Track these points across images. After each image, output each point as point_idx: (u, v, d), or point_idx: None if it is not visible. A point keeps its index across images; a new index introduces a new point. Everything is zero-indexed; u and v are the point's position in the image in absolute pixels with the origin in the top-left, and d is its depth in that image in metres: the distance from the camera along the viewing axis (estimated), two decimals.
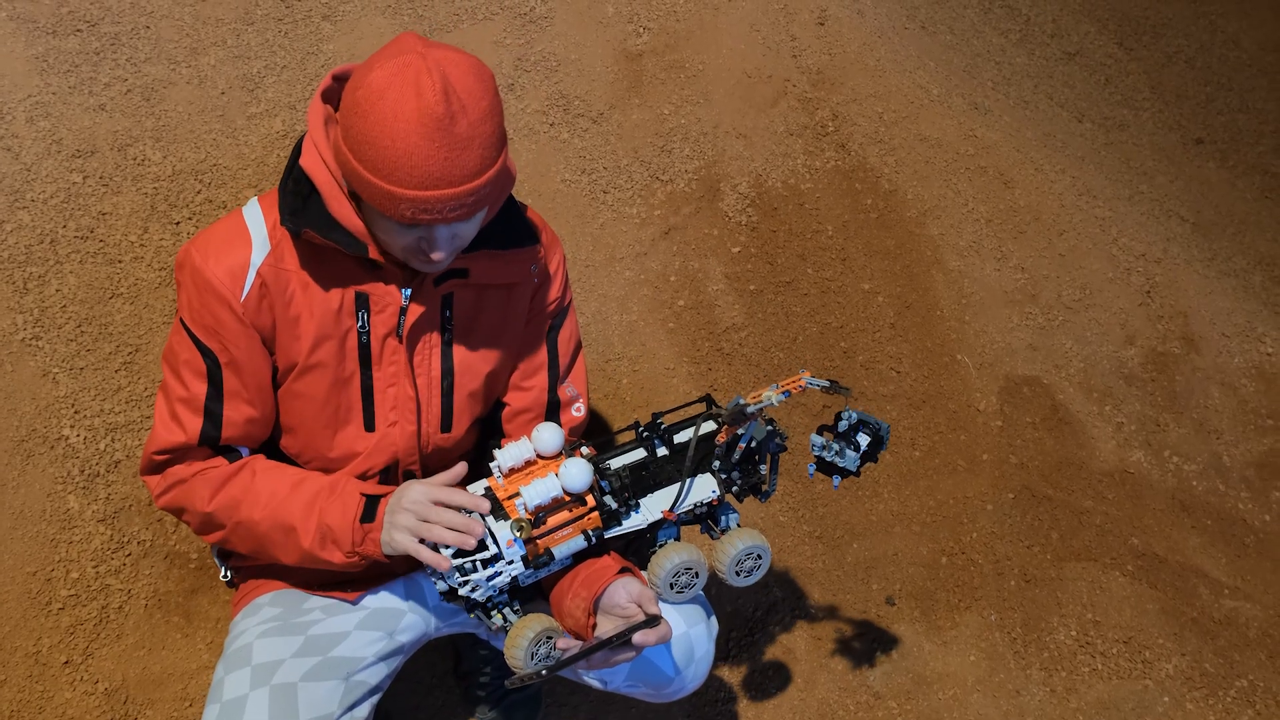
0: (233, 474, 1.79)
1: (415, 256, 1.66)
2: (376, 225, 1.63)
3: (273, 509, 1.76)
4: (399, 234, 1.61)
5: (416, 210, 1.54)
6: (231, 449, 1.83)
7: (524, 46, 3.08)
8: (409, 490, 1.67)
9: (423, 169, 1.50)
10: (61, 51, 2.48)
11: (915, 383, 3.24)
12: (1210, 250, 4.03)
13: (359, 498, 1.72)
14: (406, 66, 1.49)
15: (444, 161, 1.51)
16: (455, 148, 1.51)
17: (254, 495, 1.77)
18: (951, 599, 3.00)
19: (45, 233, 2.34)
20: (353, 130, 1.53)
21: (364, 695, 1.86)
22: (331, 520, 1.71)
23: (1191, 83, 4.78)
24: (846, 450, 1.89)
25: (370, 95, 1.50)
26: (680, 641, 1.88)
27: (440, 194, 1.53)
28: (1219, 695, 2.95)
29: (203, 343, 1.74)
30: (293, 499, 1.76)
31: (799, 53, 3.48)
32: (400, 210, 1.54)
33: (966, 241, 3.48)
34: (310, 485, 1.77)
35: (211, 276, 1.69)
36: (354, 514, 1.70)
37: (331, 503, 1.73)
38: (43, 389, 2.28)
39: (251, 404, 1.79)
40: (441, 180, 1.52)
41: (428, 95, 1.48)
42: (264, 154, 2.59)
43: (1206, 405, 3.53)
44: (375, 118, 1.50)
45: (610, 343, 2.97)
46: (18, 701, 2.17)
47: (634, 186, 3.12)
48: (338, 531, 1.71)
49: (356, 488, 1.75)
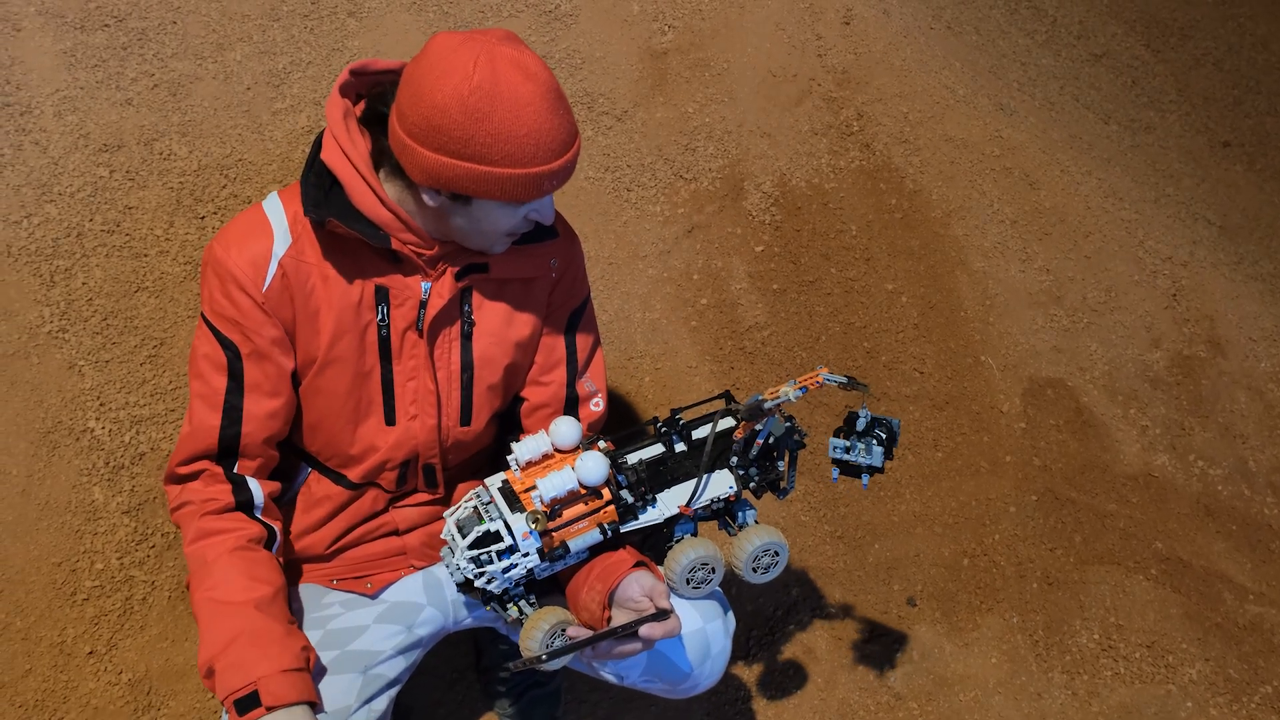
0: (215, 532, 1.76)
1: (509, 238, 1.76)
2: (487, 220, 1.68)
3: (206, 603, 1.71)
4: (509, 219, 1.69)
5: (556, 180, 1.63)
6: (242, 482, 1.80)
7: (549, 44, 3.08)
8: None
9: (558, 139, 1.60)
10: (89, 46, 2.50)
11: (938, 384, 3.23)
12: (1237, 254, 4.00)
13: (252, 681, 1.63)
14: (494, 58, 1.55)
15: (567, 125, 1.61)
16: (567, 108, 1.62)
17: (208, 571, 1.73)
18: (973, 600, 2.99)
19: (72, 226, 2.36)
20: (474, 139, 1.55)
21: (382, 688, 1.86)
22: (221, 667, 1.65)
23: (1219, 85, 4.73)
24: (873, 446, 1.88)
25: (485, 98, 1.53)
26: (696, 637, 1.87)
27: (570, 155, 1.64)
28: (1243, 701, 2.93)
29: (223, 335, 1.74)
30: (223, 613, 1.70)
31: (824, 52, 3.47)
32: (544, 187, 1.62)
33: (991, 242, 3.47)
34: (241, 616, 1.69)
35: (234, 266, 1.70)
36: (234, 689, 1.63)
37: (241, 653, 1.66)
38: (69, 381, 2.30)
39: (272, 396, 1.79)
40: (567, 143, 1.62)
41: (537, 72, 1.56)
42: (289, 149, 2.61)
43: (1232, 409, 3.50)
44: (502, 113, 1.54)
45: (632, 340, 2.97)
46: (43, 691, 2.19)
47: (658, 184, 3.12)
48: (217, 681, 1.66)
49: (264, 663, 1.66)
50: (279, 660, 1.66)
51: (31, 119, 2.40)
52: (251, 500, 1.81)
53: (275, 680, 1.64)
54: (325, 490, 1.92)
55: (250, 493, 1.81)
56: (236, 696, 1.62)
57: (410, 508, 1.97)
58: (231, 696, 1.62)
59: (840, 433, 1.90)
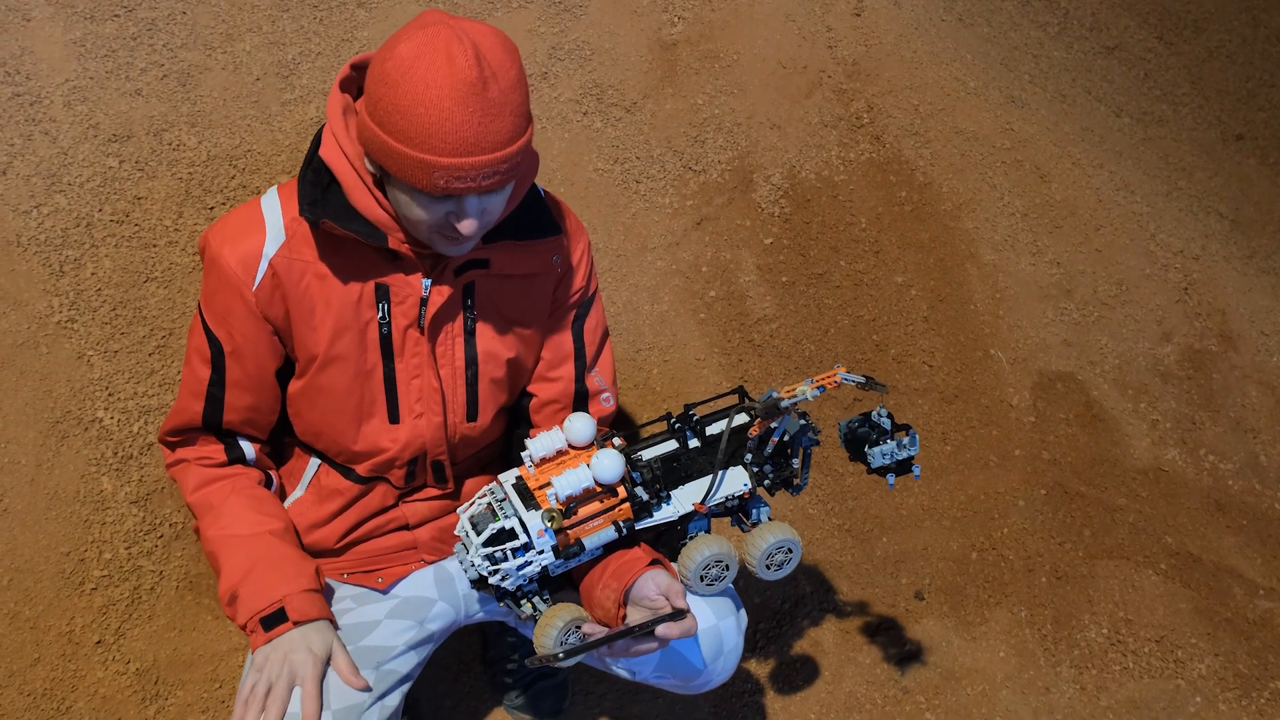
0: (218, 478, 1.85)
1: (443, 234, 1.65)
2: (403, 203, 1.62)
3: (222, 539, 1.80)
4: (428, 209, 1.59)
5: (450, 178, 1.52)
6: (233, 436, 1.87)
7: (558, 35, 3.07)
8: (307, 653, 1.71)
9: (457, 135, 1.49)
10: (99, 36, 2.49)
11: (948, 377, 3.22)
12: (1249, 248, 3.98)
13: (277, 599, 1.73)
14: (436, 36, 1.49)
15: (478, 127, 1.50)
16: (489, 113, 1.50)
17: (218, 513, 1.82)
18: (981, 595, 2.98)
19: (81, 216, 2.36)
20: (382, 102, 1.52)
21: (395, 684, 1.86)
22: (245, 592, 1.74)
23: (1232, 78, 4.71)
24: (903, 439, 1.88)
25: (400, 65, 1.49)
26: (710, 634, 1.87)
27: (474, 160, 1.52)
28: (1252, 697, 2.92)
29: (211, 330, 1.77)
30: (239, 544, 1.79)
31: (834, 44, 3.45)
32: (434, 180, 1.52)
33: (1001, 235, 3.45)
34: (259, 544, 1.80)
35: (225, 265, 1.71)
36: (260, 608, 1.73)
37: (263, 576, 1.76)
38: (78, 371, 2.30)
39: (251, 392, 1.83)
40: (475, 146, 1.51)
41: (459, 61, 1.47)
42: (298, 140, 2.60)
43: (1244, 404, 3.49)
44: (407, 87, 1.48)
45: (641, 333, 2.96)
46: (51, 680, 2.19)
47: (667, 176, 3.11)
48: (240, 606, 1.74)
49: (287, 583, 1.76)
50: (299, 581, 1.76)
51: (41, 109, 2.39)
52: (244, 456, 1.89)
53: (299, 598, 1.74)
54: (335, 484, 1.92)
55: (241, 450, 1.89)
56: (264, 614, 1.71)
57: (420, 502, 1.97)
58: (258, 615, 1.71)
59: (876, 437, 1.89)
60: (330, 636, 1.75)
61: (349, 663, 1.75)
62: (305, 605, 1.74)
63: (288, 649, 1.70)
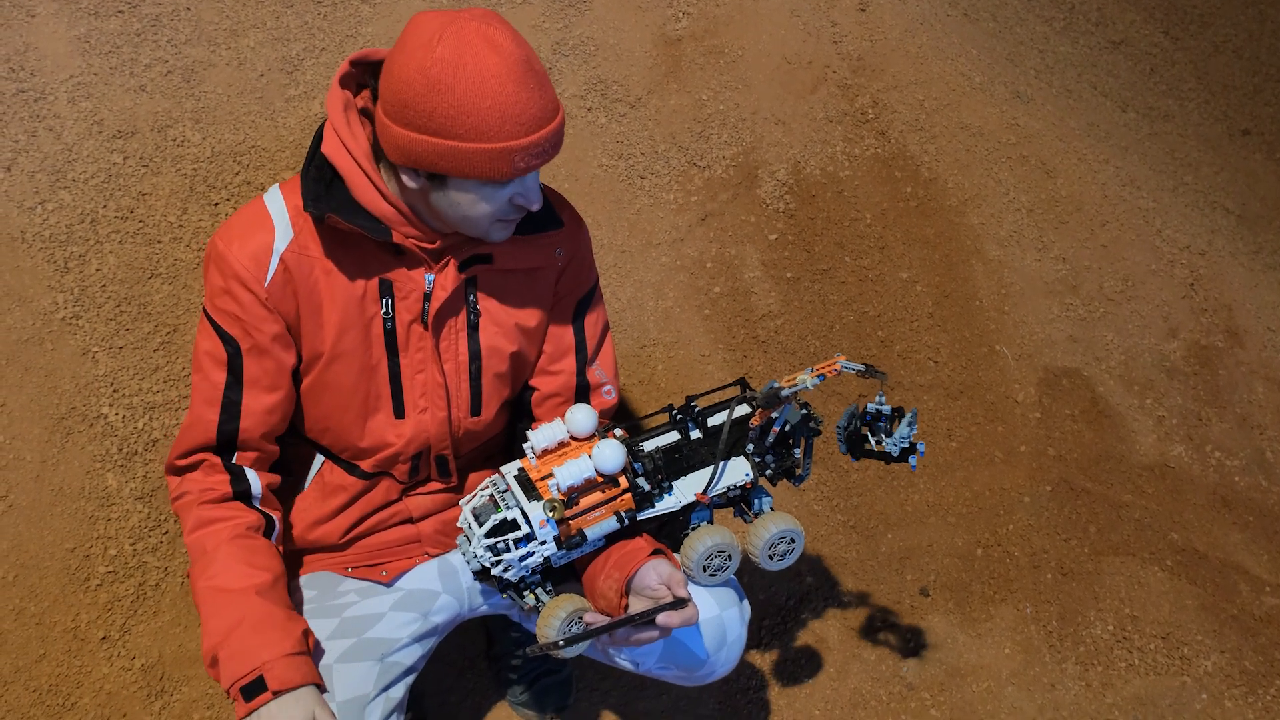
0: (214, 520, 1.77)
1: (502, 223, 1.70)
2: (465, 203, 1.64)
3: (208, 591, 1.72)
4: (493, 199, 1.64)
5: (529, 157, 1.58)
6: (241, 473, 1.81)
7: (562, 30, 3.07)
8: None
9: (528, 114, 1.55)
10: (103, 33, 2.50)
11: (953, 373, 3.22)
12: (1256, 243, 3.97)
13: (256, 667, 1.64)
14: (464, 31, 1.52)
15: (540, 100, 1.56)
16: (542, 84, 1.57)
17: (208, 560, 1.74)
18: (986, 591, 2.97)
19: (86, 212, 2.36)
20: (436, 112, 1.53)
21: (398, 676, 1.86)
22: (224, 655, 1.66)
23: (1239, 73, 4.70)
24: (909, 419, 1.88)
25: (447, 68, 1.51)
26: (713, 625, 1.87)
27: (544, 133, 1.58)
28: (1258, 694, 2.91)
29: (224, 330, 1.74)
30: (224, 601, 1.71)
31: (839, 39, 3.45)
32: (515, 164, 1.57)
33: (1007, 231, 3.45)
34: (243, 603, 1.70)
35: (235, 261, 1.70)
36: (239, 675, 1.64)
37: (244, 640, 1.67)
38: (82, 367, 2.30)
39: (271, 391, 1.79)
40: (541, 119, 1.57)
41: (504, 45, 1.52)
42: (302, 136, 2.60)
43: (1250, 400, 3.48)
44: (464, 86, 1.51)
45: (645, 328, 2.96)
46: (56, 676, 2.20)
47: (671, 172, 3.11)
48: (222, 670, 1.66)
49: (268, 648, 1.67)
50: (281, 645, 1.67)
51: (45, 105, 2.40)
52: (249, 490, 1.82)
53: (279, 665, 1.65)
54: (339, 480, 1.92)
55: (248, 483, 1.81)
56: (243, 683, 1.63)
57: (424, 496, 1.97)
58: (237, 684, 1.63)
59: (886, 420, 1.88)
60: (311, 704, 1.66)
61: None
62: (286, 672, 1.65)
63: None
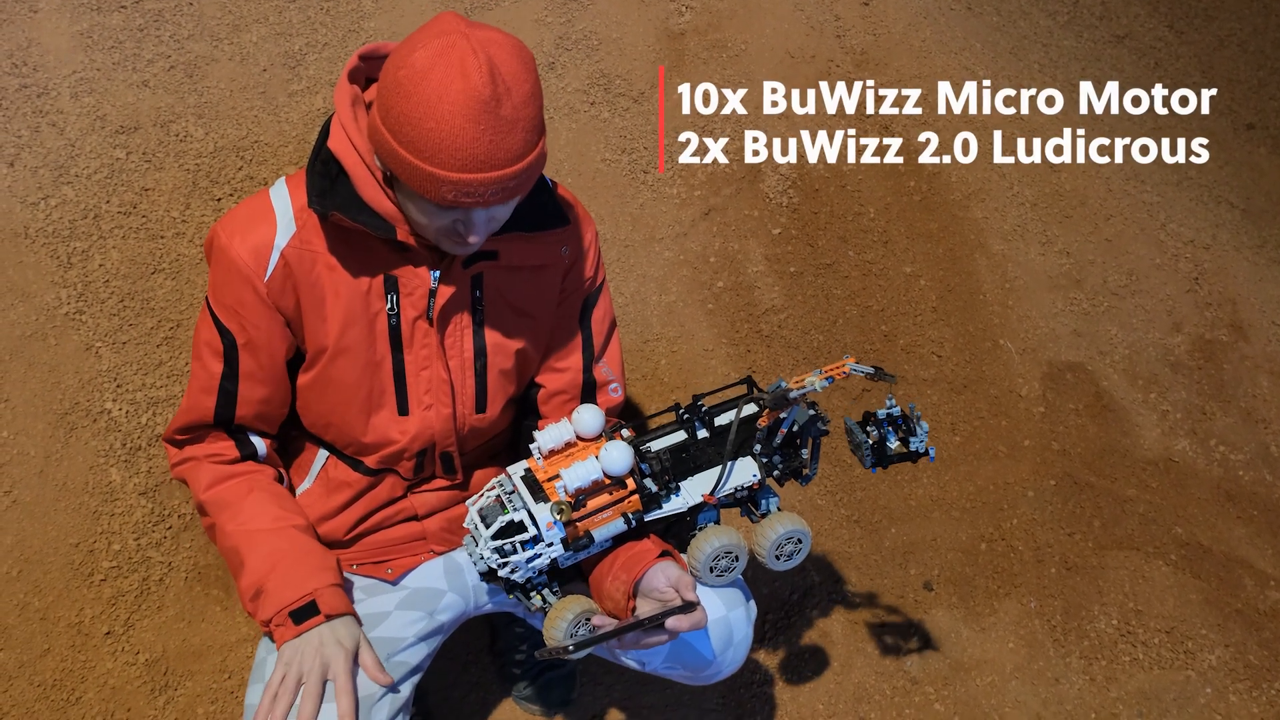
0: (234, 475, 1.81)
1: (449, 239, 1.64)
2: (411, 207, 1.61)
3: (242, 534, 1.77)
4: (435, 216, 1.59)
5: (458, 193, 1.51)
6: (244, 432, 1.84)
7: (565, 25, 3.06)
8: (338, 647, 1.69)
9: (467, 151, 1.48)
10: (106, 28, 2.49)
11: (957, 367, 3.21)
12: (1260, 237, 3.96)
13: (308, 592, 1.71)
14: (451, 47, 1.46)
15: (489, 145, 1.48)
16: (500, 131, 1.48)
17: (236, 508, 1.79)
18: (990, 585, 2.98)
19: (89, 208, 2.36)
20: (393, 111, 1.50)
21: (405, 675, 1.86)
22: (272, 585, 1.71)
23: (1243, 67, 4.68)
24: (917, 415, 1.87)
25: (413, 75, 1.47)
26: (719, 625, 1.86)
27: (483, 177, 1.50)
28: (1263, 688, 2.91)
29: (222, 323, 1.75)
30: (263, 539, 1.76)
31: (843, 33, 3.44)
32: (442, 193, 1.51)
33: (1011, 225, 3.44)
34: (283, 539, 1.77)
35: (235, 256, 1.70)
36: (289, 601, 1.70)
37: (291, 569, 1.73)
38: (86, 363, 2.30)
39: (265, 384, 1.81)
40: (485, 163, 1.49)
41: (473, 77, 1.45)
42: (305, 131, 2.59)
43: (1255, 394, 3.47)
44: (419, 98, 1.47)
45: (649, 323, 2.96)
46: (60, 671, 2.20)
47: (674, 167, 3.10)
48: (266, 600, 1.71)
49: (315, 577, 1.73)
50: (327, 575, 1.75)
51: (48, 100, 2.39)
52: (256, 452, 1.86)
53: (329, 592, 1.73)
54: (343, 476, 1.92)
55: (254, 446, 1.86)
56: (293, 608, 1.69)
57: (429, 493, 1.97)
58: (287, 609, 1.69)
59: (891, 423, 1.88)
60: (358, 632, 1.74)
61: (375, 659, 1.74)
62: (335, 600, 1.73)
63: (319, 643, 1.69)
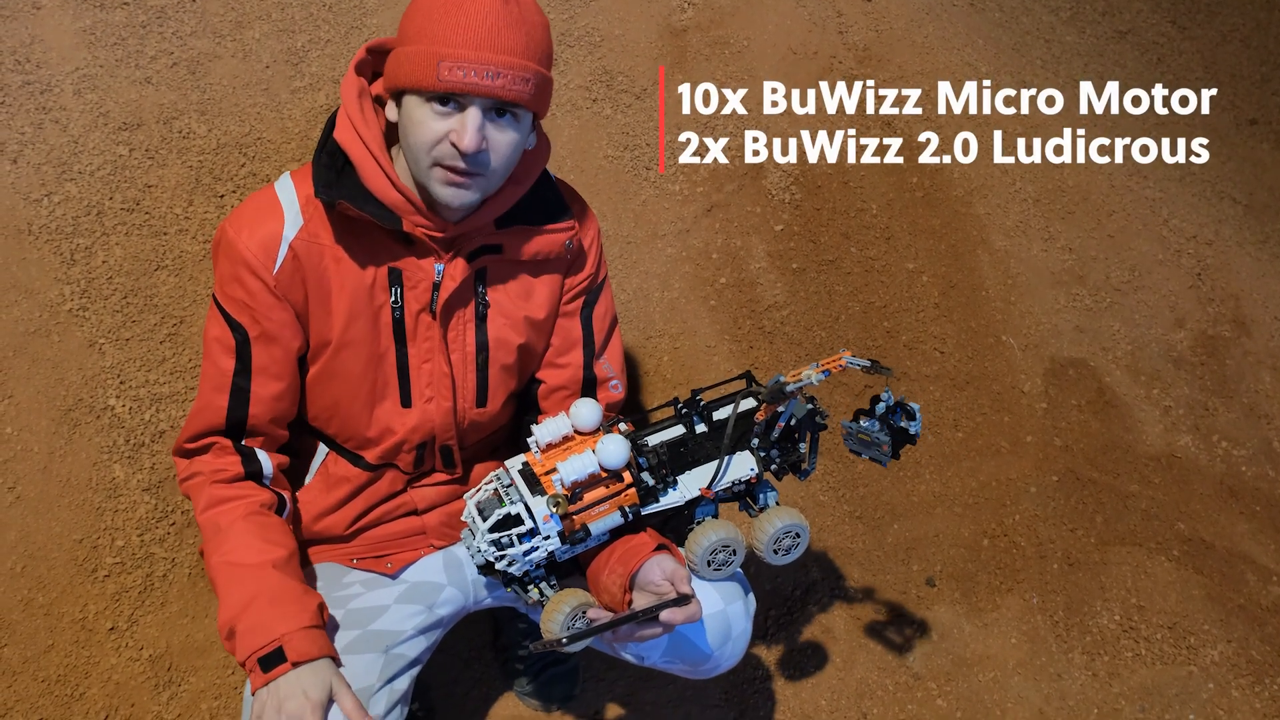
0: (228, 499, 1.77)
1: (443, 165, 1.62)
2: (409, 124, 1.61)
3: (223, 566, 1.72)
4: (429, 124, 1.59)
5: (454, 68, 1.53)
6: (252, 454, 1.81)
7: (567, 21, 3.06)
8: (303, 699, 1.63)
9: (473, 29, 1.52)
10: (109, 25, 2.50)
11: (959, 363, 3.21)
12: (1263, 233, 3.95)
13: (275, 638, 1.65)
14: None
15: (491, 27, 1.52)
16: (506, 20, 1.54)
17: (223, 537, 1.74)
18: (993, 581, 2.98)
19: (92, 204, 2.37)
20: (404, 22, 1.57)
21: (403, 668, 1.87)
22: (242, 628, 1.66)
23: (1246, 62, 4.67)
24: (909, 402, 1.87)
25: None
26: (717, 619, 1.87)
27: (485, 54, 1.53)
28: (1265, 683, 2.91)
29: (233, 318, 1.74)
30: (240, 575, 1.71)
31: (845, 29, 3.44)
32: (440, 72, 1.53)
33: (1013, 221, 3.44)
34: (259, 576, 1.71)
35: (244, 249, 1.69)
36: (257, 647, 1.65)
37: (262, 612, 1.67)
38: (89, 359, 2.31)
39: (279, 379, 1.79)
40: (484, 43, 1.53)
41: None
42: (307, 128, 2.60)
43: (1257, 390, 3.47)
44: None
45: (651, 320, 2.96)
46: (65, 666, 2.21)
47: (676, 163, 3.10)
48: (238, 642, 1.67)
49: (286, 620, 1.67)
50: (299, 618, 1.68)
51: (51, 97, 2.40)
52: (261, 470, 1.82)
53: (297, 637, 1.66)
54: (344, 471, 1.92)
55: (259, 463, 1.82)
56: (260, 654, 1.63)
57: (428, 487, 1.97)
58: (255, 655, 1.64)
59: (862, 414, 1.88)
60: (329, 676, 1.67)
61: (355, 702, 1.69)
62: (304, 644, 1.66)
63: (284, 695, 1.63)
